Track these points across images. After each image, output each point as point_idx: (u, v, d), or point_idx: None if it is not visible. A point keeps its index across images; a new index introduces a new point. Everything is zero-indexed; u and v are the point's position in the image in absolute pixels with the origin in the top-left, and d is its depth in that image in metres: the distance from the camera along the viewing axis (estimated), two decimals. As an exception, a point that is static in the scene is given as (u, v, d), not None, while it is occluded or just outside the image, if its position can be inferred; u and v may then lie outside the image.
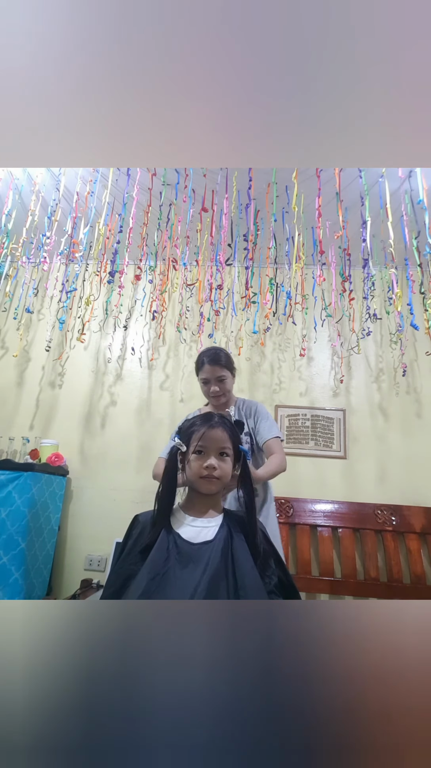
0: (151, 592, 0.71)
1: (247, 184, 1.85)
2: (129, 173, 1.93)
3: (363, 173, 1.80)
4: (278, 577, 0.84)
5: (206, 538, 0.81)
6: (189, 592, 0.71)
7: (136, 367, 2.41)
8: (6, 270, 2.44)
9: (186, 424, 0.93)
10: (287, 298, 2.09)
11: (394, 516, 1.95)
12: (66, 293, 2.26)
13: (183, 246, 2.15)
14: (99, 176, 1.98)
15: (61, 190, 2.03)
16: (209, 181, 1.94)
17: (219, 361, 1.32)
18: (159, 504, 0.88)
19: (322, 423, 2.21)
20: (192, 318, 2.40)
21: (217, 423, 0.88)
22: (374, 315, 1.99)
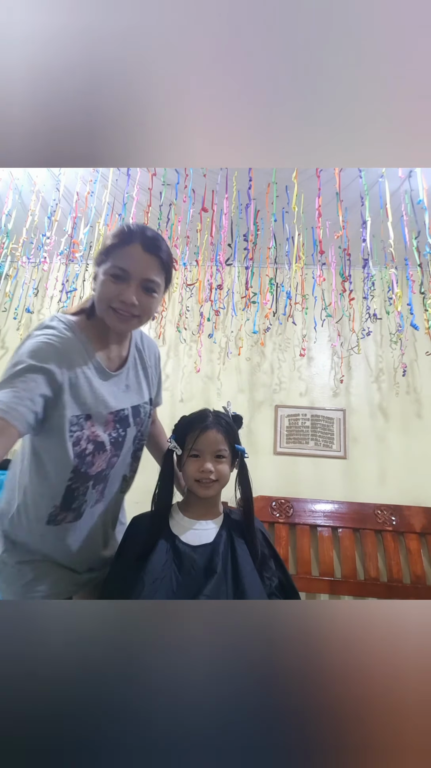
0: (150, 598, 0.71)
1: (247, 184, 1.84)
2: (129, 173, 1.93)
3: (363, 173, 1.80)
4: (278, 578, 0.83)
5: (206, 540, 0.81)
6: (189, 596, 0.71)
7: (136, 367, 2.40)
8: (6, 270, 2.44)
9: (181, 423, 0.91)
10: (287, 298, 2.09)
11: (394, 516, 1.95)
12: (66, 293, 2.25)
13: (183, 246, 2.15)
14: (99, 176, 1.98)
15: (61, 190, 2.03)
16: (209, 181, 1.94)
17: (159, 251, 0.76)
18: (156, 506, 0.87)
19: (322, 423, 2.21)
20: (192, 318, 2.40)
21: (212, 423, 0.85)
22: (374, 315, 1.99)
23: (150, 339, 0.99)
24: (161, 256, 0.75)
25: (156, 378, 1.00)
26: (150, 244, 0.74)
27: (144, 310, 0.76)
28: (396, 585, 1.80)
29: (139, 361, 0.91)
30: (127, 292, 0.73)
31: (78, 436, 0.76)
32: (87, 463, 0.79)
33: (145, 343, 0.95)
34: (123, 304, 0.74)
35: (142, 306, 0.75)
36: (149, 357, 0.95)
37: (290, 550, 1.94)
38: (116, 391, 0.83)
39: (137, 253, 0.73)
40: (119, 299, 0.73)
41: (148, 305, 0.77)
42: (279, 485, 2.09)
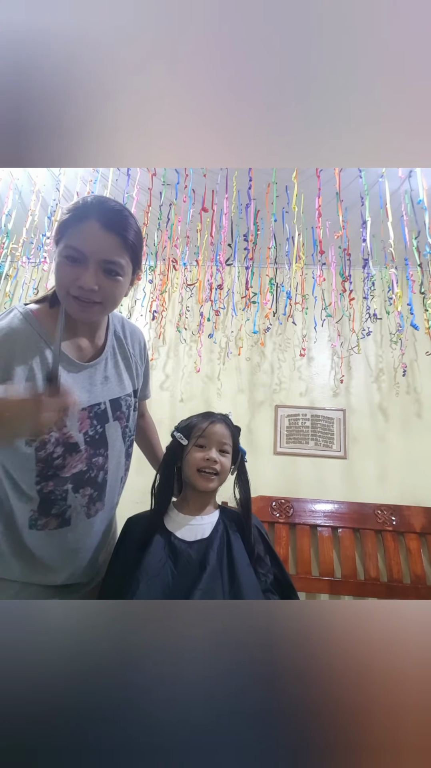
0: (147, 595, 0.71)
1: (247, 184, 1.84)
2: (129, 173, 1.93)
3: (363, 173, 1.80)
4: (274, 575, 0.84)
5: (201, 536, 0.82)
6: (184, 591, 0.71)
7: (136, 367, 2.40)
8: (6, 270, 2.44)
9: (187, 419, 0.94)
10: (287, 298, 2.09)
11: (394, 516, 1.95)
12: (66, 293, 2.25)
13: (183, 246, 2.15)
14: (99, 176, 1.98)
15: (61, 190, 2.03)
16: (209, 181, 1.94)
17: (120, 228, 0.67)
18: (156, 498, 0.88)
19: (322, 423, 2.21)
20: (192, 318, 2.40)
21: (219, 419, 0.89)
22: (374, 315, 1.99)
23: (133, 326, 0.89)
24: (123, 233, 0.66)
25: (142, 368, 0.91)
26: (109, 221, 0.64)
27: (106, 296, 0.67)
28: (396, 585, 1.80)
29: (119, 350, 0.83)
30: (85, 275, 0.64)
31: (42, 440, 0.68)
32: (56, 467, 0.71)
33: (127, 331, 0.86)
34: (81, 290, 0.64)
35: (104, 291, 0.66)
36: (132, 345, 0.86)
37: (290, 550, 1.94)
38: (89, 385, 0.75)
39: (94, 230, 0.63)
40: (76, 284, 0.64)
41: (110, 291, 0.67)
42: (279, 485, 2.09)
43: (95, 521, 0.79)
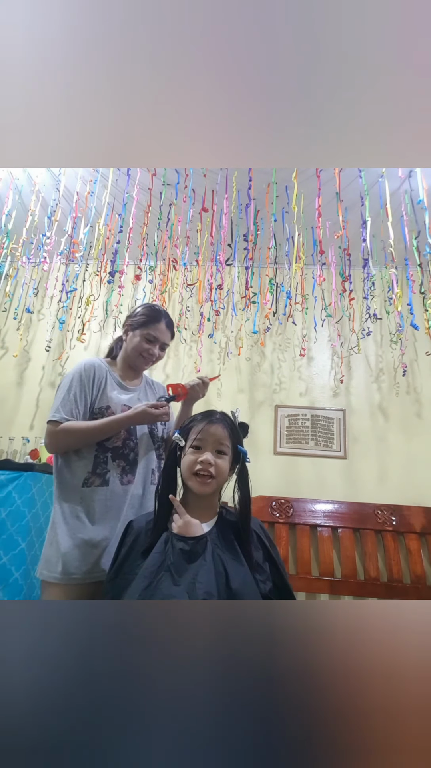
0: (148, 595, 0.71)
1: (247, 184, 1.85)
2: (129, 173, 1.93)
3: (363, 173, 1.80)
4: (274, 582, 0.82)
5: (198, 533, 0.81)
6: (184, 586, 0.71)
7: (136, 367, 2.40)
8: (6, 270, 2.44)
9: (186, 422, 0.93)
10: (287, 298, 2.09)
11: (394, 516, 1.95)
12: (66, 293, 2.26)
13: (183, 246, 2.15)
14: (99, 176, 1.98)
15: (61, 190, 2.03)
16: (209, 181, 1.94)
17: (172, 329, 1.28)
18: (160, 501, 0.87)
19: (322, 423, 2.21)
20: (192, 318, 2.40)
21: (218, 419, 0.87)
22: (374, 315, 1.99)
23: (159, 383, 1.36)
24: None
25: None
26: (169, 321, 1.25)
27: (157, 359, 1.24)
28: (396, 585, 1.81)
29: (149, 389, 1.29)
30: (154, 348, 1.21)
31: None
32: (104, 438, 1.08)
33: (155, 384, 1.33)
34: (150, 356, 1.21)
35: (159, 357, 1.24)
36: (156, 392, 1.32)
37: (290, 550, 1.94)
38: (131, 398, 1.17)
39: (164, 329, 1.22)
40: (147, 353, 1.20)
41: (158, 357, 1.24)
42: (279, 485, 2.09)
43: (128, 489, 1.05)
